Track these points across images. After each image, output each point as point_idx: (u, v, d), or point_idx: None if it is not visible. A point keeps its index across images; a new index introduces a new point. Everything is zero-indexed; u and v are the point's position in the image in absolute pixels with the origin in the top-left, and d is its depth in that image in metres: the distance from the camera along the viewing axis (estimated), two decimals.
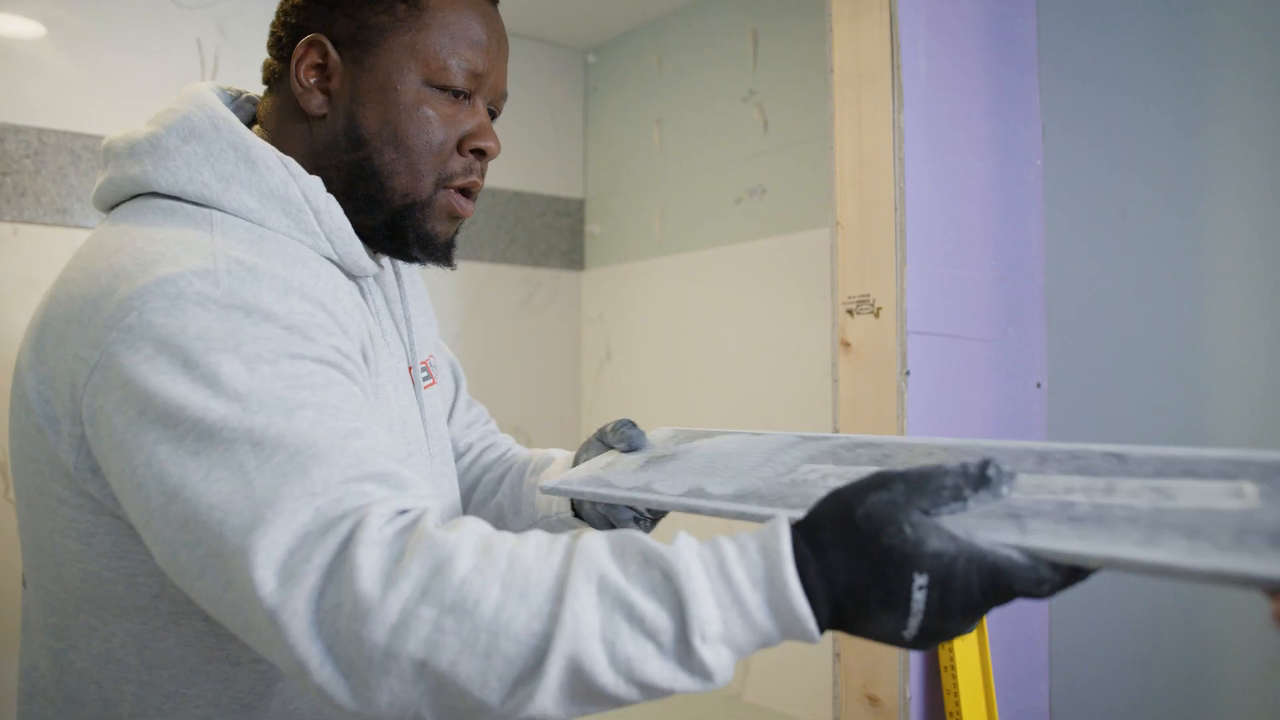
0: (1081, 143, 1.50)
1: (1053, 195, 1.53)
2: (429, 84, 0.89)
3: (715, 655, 0.59)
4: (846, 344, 1.35)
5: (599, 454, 1.00)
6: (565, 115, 2.76)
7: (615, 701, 0.61)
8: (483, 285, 2.60)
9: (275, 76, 0.94)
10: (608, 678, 0.59)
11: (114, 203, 0.89)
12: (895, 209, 1.30)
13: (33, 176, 1.90)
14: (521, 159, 2.67)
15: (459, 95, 0.91)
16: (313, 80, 0.90)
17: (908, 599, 0.58)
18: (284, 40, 0.92)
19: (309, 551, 0.62)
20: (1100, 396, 1.45)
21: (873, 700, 1.26)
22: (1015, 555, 0.57)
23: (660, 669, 0.59)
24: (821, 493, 0.69)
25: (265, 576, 0.62)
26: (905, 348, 1.29)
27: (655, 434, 1.02)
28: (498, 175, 2.58)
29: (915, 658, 1.25)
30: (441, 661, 0.59)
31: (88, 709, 0.82)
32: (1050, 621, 1.47)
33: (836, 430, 1.36)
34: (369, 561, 0.61)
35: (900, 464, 0.75)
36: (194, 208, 0.83)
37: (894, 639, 0.60)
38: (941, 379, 1.35)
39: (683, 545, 0.62)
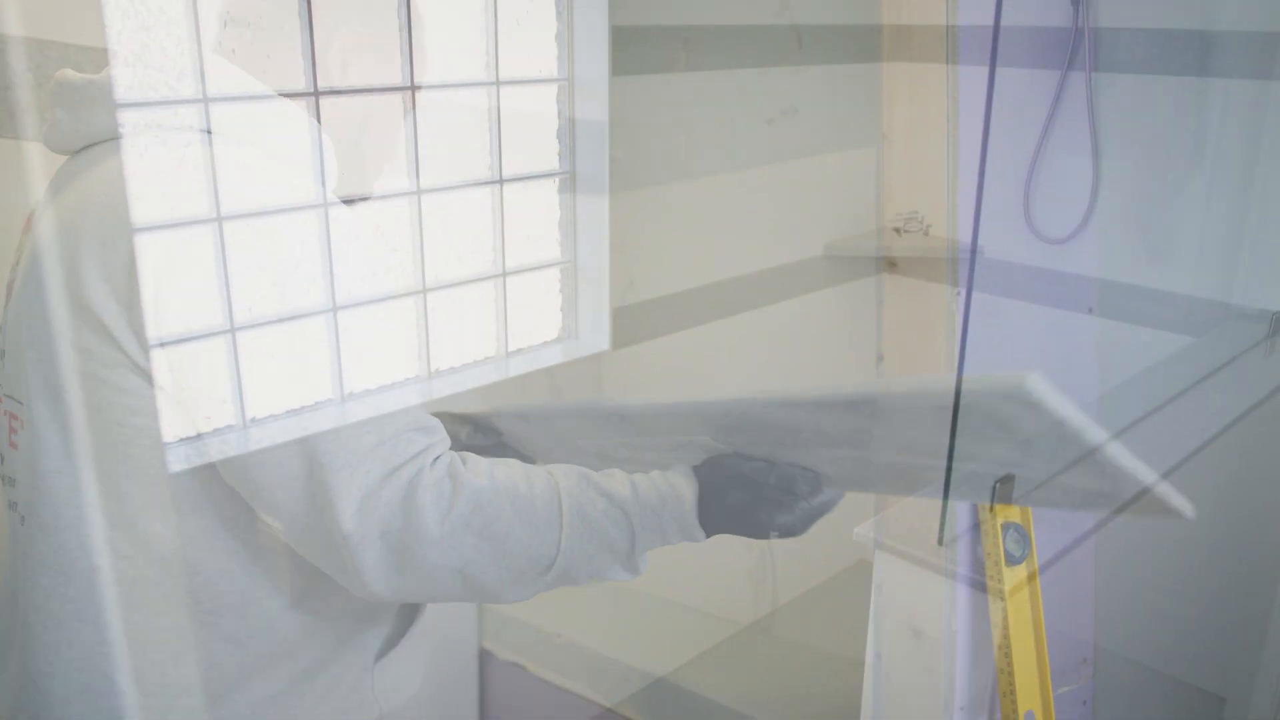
0: (1135, 53, 1.42)
1: (1104, 111, 1.46)
2: None
3: (644, 559, 0.92)
4: (892, 262, 1.28)
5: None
6: (587, 35, 2.67)
7: (577, 586, 0.91)
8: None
9: None
10: (584, 578, 0.90)
11: (104, 139, 0.91)
12: (948, 120, 1.23)
13: (35, 91, 1.82)
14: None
15: None
16: None
17: (765, 537, 0.92)
18: None
19: (380, 488, 0.81)
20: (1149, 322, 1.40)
21: (917, 633, 1.22)
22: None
23: (614, 570, 0.91)
24: None
25: (346, 507, 0.80)
26: (956, 266, 1.23)
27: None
28: None
29: (962, 590, 1.20)
30: (475, 572, 0.85)
31: (144, 611, 0.86)
32: (1097, 549, 1.43)
33: (880, 355, 1.31)
34: (427, 501, 0.82)
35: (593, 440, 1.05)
36: (220, 136, 0.85)
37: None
38: (993, 301, 1.28)
39: (629, 488, 0.90)
